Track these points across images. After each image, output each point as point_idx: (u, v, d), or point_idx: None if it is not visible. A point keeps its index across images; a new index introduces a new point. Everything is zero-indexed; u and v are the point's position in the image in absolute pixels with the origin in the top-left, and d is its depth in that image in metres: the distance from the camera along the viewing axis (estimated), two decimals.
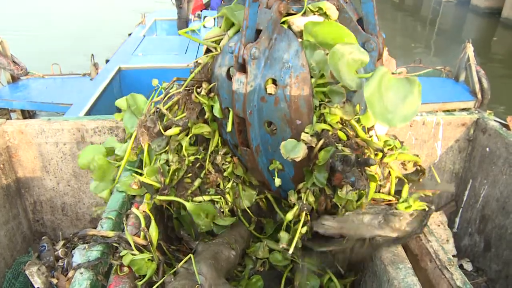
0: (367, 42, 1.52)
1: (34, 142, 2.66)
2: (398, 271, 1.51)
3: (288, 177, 1.73)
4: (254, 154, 1.66)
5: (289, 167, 1.67)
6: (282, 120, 1.53)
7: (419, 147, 2.82)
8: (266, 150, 1.65)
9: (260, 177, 1.82)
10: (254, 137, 1.61)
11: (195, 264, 1.51)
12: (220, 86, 1.69)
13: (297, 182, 1.72)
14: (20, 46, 7.72)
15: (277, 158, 1.64)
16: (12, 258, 2.65)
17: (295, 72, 1.49)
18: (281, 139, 1.55)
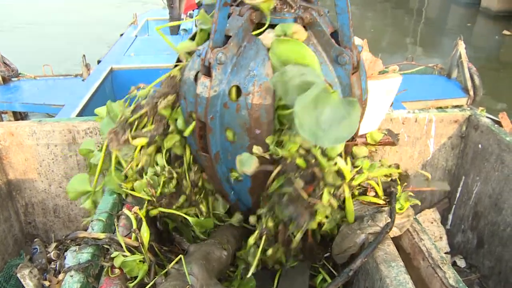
0: (340, 56, 1.50)
1: (25, 144, 2.64)
2: (390, 269, 1.51)
3: (246, 189, 1.69)
4: (213, 161, 1.61)
5: (246, 178, 1.63)
6: (242, 128, 1.49)
7: (412, 144, 2.83)
8: (226, 158, 1.60)
9: (218, 186, 1.77)
10: (214, 143, 1.57)
11: (186, 264, 1.49)
12: (187, 90, 1.64)
13: (254, 195, 1.69)
14: (11, 47, 7.68)
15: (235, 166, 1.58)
16: (3, 261, 2.63)
17: (258, 81, 1.46)
18: (240, 147, 1.52)
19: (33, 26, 14.37)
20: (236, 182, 1.67)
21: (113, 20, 13.64)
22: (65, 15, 16.21)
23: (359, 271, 1.71)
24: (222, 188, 1.75)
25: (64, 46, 11.36)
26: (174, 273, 1.50)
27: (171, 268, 1.54)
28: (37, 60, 6.89)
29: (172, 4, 6.84)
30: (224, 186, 1.73)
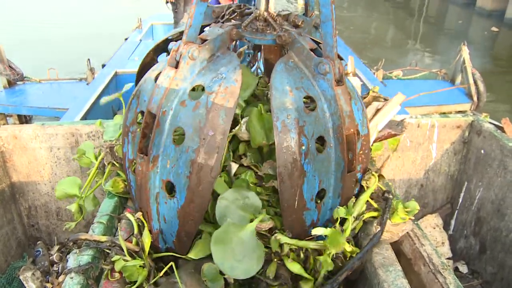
0: (320, 64, 1.49)
1: (28, 147, 2.65)
2: (388, 273, 1.51)
3: (175, 210, 1.52)
4: (150, 166, 1.48)
5: (181, 195, 1.48)
6: (194, 128, 1.41)
7: (414, 149, 2.82)
8: (164, 165, 1.46)
9: (144, 203, 1.58)
10: (157, 143, 1.46)
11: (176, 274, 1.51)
12: (144, 89, 1.58)
13: (183, 221, 1.53)
14: (16, 51, 7.73)
15: (172, 177, 1.47)
16: (6, 263, 2.64)
17: (225, 83, 1.43)
18: (185, 150, 1.42)
19: (39, 29, 14.45)
20: (164, 201, 1.53)
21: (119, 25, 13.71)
22: (71, 18, 16.31)
23: (357, 276, 1.71)
24: (147, 208, 1.57)
25: (69, 50, 11.41)
26: (164, 283, 1.52)
27: (160, 277, 1.55)
28: (42, 63, 6.92)
29: (177, 8, 6.86)
30: (151, 205, 1.56)
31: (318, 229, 1.54)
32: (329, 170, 1.51)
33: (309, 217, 1.55)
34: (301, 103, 1.45)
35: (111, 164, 1.91)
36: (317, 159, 1.47)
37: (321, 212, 1.58)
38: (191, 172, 1.41)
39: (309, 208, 1.53)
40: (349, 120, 1.52)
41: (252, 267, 1.42)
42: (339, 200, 1.59)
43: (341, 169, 1.52)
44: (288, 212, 1.50)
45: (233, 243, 1.43)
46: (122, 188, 1.88)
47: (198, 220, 1.50)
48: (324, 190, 1.55)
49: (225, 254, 1.42)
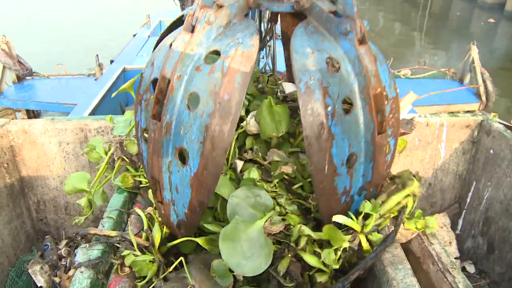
0: (341, 25, 1.44)
1: (37, 142, 2.67)
2: (397, 271, 1.51)
3: (188, 178, 1.47)
4: (163, 130, 1.44)
5: (194, 164, 1.43)
6: (209, 93, 1.37)
7: (423, 149, 2.82)
8: (178, 132, 1.42)
9: (156, 173, 1.55)
10: (171, 109, 1.41)
11: (185, 268, 1.51)
12: (157, 56, 1.55)
13: (196, 191, 1.48)
14: (25, 47, 7.76)
15: (185, 144, 1.42)
16: (15, 256, 2.66)
17: (242, 48, 1.39)
18: (199, 115, 1.37)
19: (48, 25, 14.51)
20: (177, 170, 1.48)
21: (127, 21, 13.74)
22: (80, 14, 16.36)
23: (366, 273, 1.71)
24: (159, 177, 1.54)
25: (78, 46, 11.45)
26: (173, 277, 1.52)
27: (170, 272, 1.56)
28: (51, 59, 6.96)
29: (184, 5, 6.86)
30: (163, 174, 1.52)
31: (338, 216, 1.50)
32: (358, 133, 1.45)
33: (341, 183, 1.49)
34: (324, 65, 1.40)
35: (120, 159, 1.92)
36: (344, 121, 1.41)
37: (354, 179, 1.51)
38: (205, 137, 1.37)
39: (340, 173, 1.46)
40: (375, 79, 1.44)
41: (260, 265, 1.41)
42: (372, 164, 1.51)
43: (371, 131, 1.45)
44: (318, 179, 1.44)
45: (241, 240, 1.43)
46: (131, 183, 1.89)
47: (211, 189, 1.47)
48: (355, 155, 1.48)
49: (233, 250, 1.41)
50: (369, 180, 1.53)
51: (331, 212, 1.52)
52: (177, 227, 1.61)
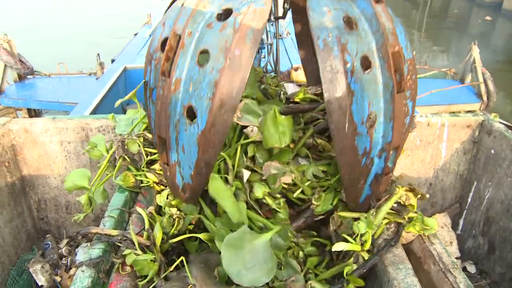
0: None
1: (39, 141, 2.67)
2: (398, 271, 1.51)
3: (196, 136, 1.45)
4: (172, 87, 1.44)
5: (202, 121, 1.41)
6: (220, 49, 1.36)
7: (424, 148, 2.81)
8: (187, 89, 1.42)
9: (163, 133, 1.54)
10: (181, 65, 1.42)
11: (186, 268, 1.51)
12: (169, 16, 1.54)
13: (203, 150, 1.47)
14: (26, 45, 7.76)
15: (194, 101, 1.42)
16: (16, 255, 2.66)
17: (254, 5, 1.38)
18: (209, 71, 1.37)
19: (49, 24, 14.51)
20: (184, 128, 1.48)
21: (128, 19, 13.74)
22: (81, 12, 16.36)
23: (367, 273, 1.71)
24: (166, 135, 1.54)
25: (79, 44, 11.46)
26: (174, 277, 1.52)
27: (170, 272, 1.56)
28: (52, 58, 6.96)
29: None
30: (170, 133, 1.52)
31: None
32: (377, 91, 1.44)
33: (361, 143, 1.48)
34: (340, 22, 1.39)
35: (122, 158, 1.92)
36: (364, 80, 1.40)
37: (373, 140, 1.50)
38: (214, 93, 1.36)
39: (360, 133, 1.45)
40: (393, 37, 1.44)
41: (260, 278, 1.39)
42: (391, 124, 1.50)
43: (389, 90, 1.45)
44: (339, 138, 1.43)
45: (245, 249, 1.42)
46: (132, 182, 1.89)
47: (218, 148, 1.45)
48: (374, 113, 1.47)
49: (235, 258, 1.40)
50: (389, 140, 1.52)
51: (352, 176, 1.52)
52: (182, 191, 1.61)
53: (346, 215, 1.69)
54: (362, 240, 1.60)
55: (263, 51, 3.35)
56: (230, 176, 1.76)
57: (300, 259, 1.70)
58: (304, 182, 1.78)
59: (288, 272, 1.56)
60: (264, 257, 1.42)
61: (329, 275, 1.64)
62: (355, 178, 1.54)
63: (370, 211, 1.64)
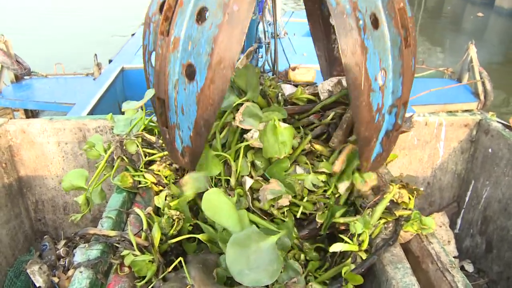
0: None
1: (36, 142, 2.66)
2: (396, 271, 1.51)
3: (195, 95, 1.45)
4: (170, 47, 1.43)
5: (201, 78, 1.41)
6: (218, 4, 1.35)
7: (421, 148, 2.82)
8: (185, 48, 1.41)
9: (162, 93, 1.54)
10: (180, 23, 1.41)
11: (185, 268, 1.51)
12: None
13: (201, 110, 1.47)
14: (23, 46, 7.75)
15: (193, 59, 1.41)
16: (13, 257, 2.66)
17: None
18: (208, 27, 1.36)
19: (46, 24, 14.49)
20: (183, 88, 1.48)
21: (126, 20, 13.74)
22: (78, 13, 16.34)
23: (365, 272, 1.71)
24: (165, 96, 1.53)
25: (76, 45, 11.44)
26: (172, 277, 1.52)
27: (169, 273, 1.55)
28: (49, 58, 6.94)
29: None
30: (169, 93, 1.52)
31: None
32: (386, 48, 1.47)
33: (375, 100, 1.50)
34: None
35: (120, 158, 1.92)
36: (374, 36, 1.43)
37: (385, 95, 1.53)
38: (213, 49, 1.36)
39: (374, 89, 1.48)
40: None
41: (263, 279, 1.39)
42: (401, 80, 1.54)
43: (398, 45, 1.48)
44: (355, 94, 1.45)
45: (250, 249, 1.42)
46: (130, 183, 1.89)
47: (217, 105, 1.45)
48: (384, 70, 1.50)
49: (239, 257, 1.40)
50: (399, 96, 1.55)
51: (366, 134, 1.55)
52: (181, 155, 1.62)
53: (343, 220, 1.70)
54: (359, 240, 1.60)
55: (261, 51, 3.35)
56: (232, 179, 1.76)
57: (301, 262, 1.70)
58: (305, 195, 1.78)
59: (288, 275, 1.56)
60: (270, 258, 1.42)
61: (328, 276, 1.64)
62: (369, 136, 1.57)
63: (366, 210, 1.64)
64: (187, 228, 1.77)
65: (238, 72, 1.88)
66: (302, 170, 1.83)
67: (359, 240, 1.60)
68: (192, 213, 1.85)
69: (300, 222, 1.83)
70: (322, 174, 1.80)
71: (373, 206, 1.65)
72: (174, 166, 1.97)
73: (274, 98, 2.09)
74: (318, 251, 1.80)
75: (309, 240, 1.82)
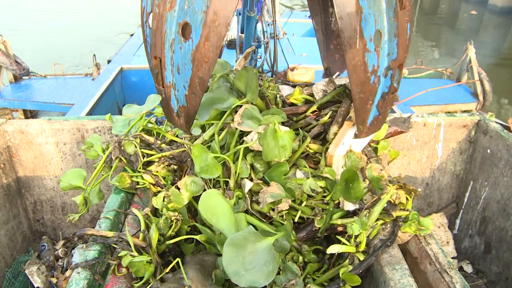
0: None
1: (34, 142, 2.66)
2: (394, 272, 1.51)
3: (190, 52, 1.48)
4: (167, 5, 1.44)
5: (196, 35, 1.43)
6: None
7: (420, 148, 2.82)
8: (182, 7, 1.43)
9: (158, 53, 1.54)
10: None
11: (182, 269, 1.51)
12: None
13: (197, 65, 1.50)
14: (22, 46, 7.74)
15: (188, 17, 1.43)
16: (12, 257, 2.65)
17: None
18: None
19: (45, 24, 14.48)
20: (179, 47, 1.49)
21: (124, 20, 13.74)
22: (77, 13, 16.33)
23: (363, 274, 1.71)
24: (161, 55, 1.53)
25: (75, 45, 11.43)
26: (170, 278, 1.52)
27: (167, 273, 1.55)
28: (48, 59, 6.94)
29: None
30: (165, 52, 1.52)
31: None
32: (381, 9, 1.48)
33: (370, 61, 1.52)
34: None
35: (118, 159, 1.92)
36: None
37: (380, 57, 1.54)
38: (208, 5, 1.38)
39: (370, 50, 1.49)
40: None
41: (258, 280, 1.40)
42: (396, 41, 1.54)
43: (393, 6, 1.48)
44: (350, 54, 1.46)
45: (247, 250, 1.42)
46: (128, 183, 1.88)
47: (212, 63, 1.48)
48: (380, 32, 1.50)
49: (235, 258, 1.40)
50: (394, 58, 1.56)
51: (361, 95, 1.56)
52: (177, 115, 1.63)
53: (341, 221, 1.70)
54: (356, 242, 1.60)
55: (259, 51, 3.35)
56: (231, 181, 1.76)
57: (300, 264, 1.70)
58: (304, 199, 1.78)
59: (287, 277, 1.56)
60: (265, 259, 1.42)
61: (326, 278, 1.65)
62: (365, 98, 1.58)
63: (363, 211, 1.64)
64: (185, 229, 1.77)
65: (238, 74, 1.88)
66: (302, 174, 1.83)
67: (356, 242, 1.60)
68: (190, 214, 1.85)
69: (297, 225, 1.83)
70: (322, 180, 1.79)
71: (371, 208, 1.65)
72: (172, 167, 1.97)
73: (273, 99, 2.08)
74: (316, 253, 1.80)
75: (307, 242, 1.82)
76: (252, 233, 1.46)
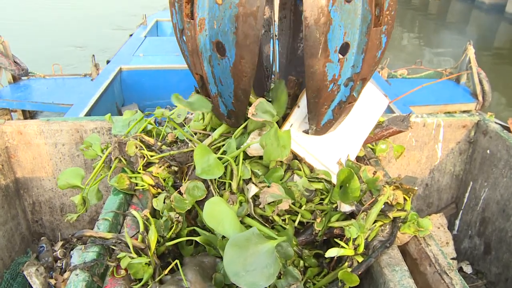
0: None
1: (33, 143, 2.65)
2: (394, 273, 1.50)
3: (228, 69, 1.52)
4: (197, 27, 1.49)
5: (231, 55, 1.48)
6: None
7: (420, 149, 2.81)
8: (212, 26, 1.47)
9: (198, 68, 1.60)
10: (202, 5, 1.46)
11: (181, 271, 1.50)
12: None
13: (237, 80, 1.54)
14: (21, 46, 7.74)
15: (220, 37, 1.48)
16: (10, 258, 2.65)
17: None
18: (228, 6, 1.41)
19: (43, 24, 14.47)
20: (217, 63, 1.55)
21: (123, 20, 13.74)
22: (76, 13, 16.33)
23: (362, 275, 1.70)
24: (202, 72, 1.60)
25: (74, 45, 11.43)
26: (169, 280, 1.51)
27: (165, 275, 1.54)
28: (46, 59, 6.93)
29: None
30: (205, 69, 1.59)
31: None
32: (355, 23, 1.47)
33: (331, 70, 1.51)
34: None
35: (118, 160, 1.91)
36: (344, 9, 1.42)
37: (343, 68, 1.54)
38: (236, 27, 1.41)
39: (332, 60, 1.49)
40: None
41: (258, 282, 1.37)
42: (363, 56, 1.53)
43: (367, 23, 1.47)
44: (310, 62, 1.46)
45: (249, 251, 1.40)
46: (127, 184, 1.88)
47: (251, 76, 1.52)
48: (348, 44, 1.50)
49: (236, 258, 1.39)
50: (358, 71, 1.56)
51: (317, 100, 1.58)
52: (228, 117, 1.73)
53: (338, 224, 1.70)
54: (355, 245, 1.59)
55: None
56: (234, 183, 1.75)
57: (300, 268, 1.70)
58: (303, 203, 1.77)
59: (288, 281, 1.55)
60: (266, 262, 1.41)
61: (326, 282, 1.65)
62: (320, 103, 1.60)
63: (360, 214, 1.64)
64: (184, 231, 1.77)
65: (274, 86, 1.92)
66: (299, 179, 1.82)
67: (354, 244, 1.60)
68: (190, 216, 1.85)
69: (296, 230, 1.83)
70: (318, 182, 1.79)
71: (368, 210, 1.65)
72: (172, 168, 1.96)
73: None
74: (316, 258, 1.79)
75: (307, 246, 1.81)
76: (255, 235, 1.45)
